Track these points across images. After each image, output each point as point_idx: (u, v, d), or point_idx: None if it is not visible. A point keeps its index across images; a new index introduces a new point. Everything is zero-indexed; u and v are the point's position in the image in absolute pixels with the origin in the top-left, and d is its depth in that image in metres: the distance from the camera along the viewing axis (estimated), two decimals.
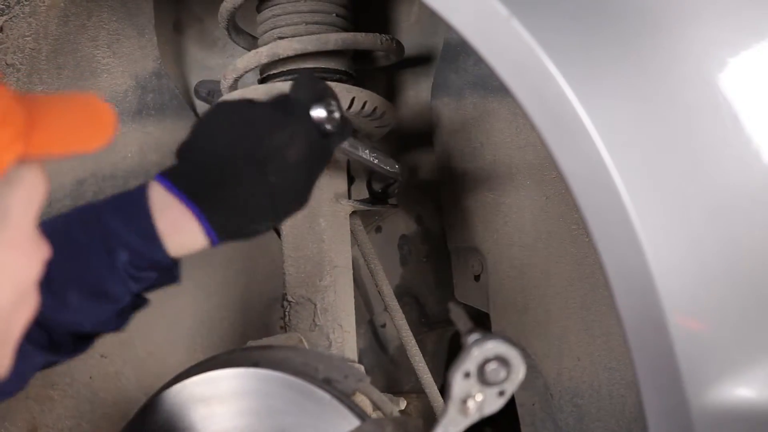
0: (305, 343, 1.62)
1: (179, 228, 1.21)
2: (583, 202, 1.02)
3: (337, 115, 1.25)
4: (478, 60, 1.08)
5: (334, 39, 1.70)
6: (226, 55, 2.12)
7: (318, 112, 1.26)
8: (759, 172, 1.01)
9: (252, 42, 1.89)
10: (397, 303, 1.88)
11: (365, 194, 1.92)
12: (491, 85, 1.81)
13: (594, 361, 1.76)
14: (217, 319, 2.15)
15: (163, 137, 2.04)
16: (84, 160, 2.01)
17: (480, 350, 1.14)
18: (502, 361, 1.19)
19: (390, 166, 1.76)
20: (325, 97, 1.26)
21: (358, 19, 1.84)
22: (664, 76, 1.05)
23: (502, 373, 1.21)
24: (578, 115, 1.01)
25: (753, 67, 1.03)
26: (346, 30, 1.78)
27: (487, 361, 1.19)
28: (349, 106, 1.69)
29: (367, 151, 1.67)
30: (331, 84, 1.68)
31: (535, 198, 1.81)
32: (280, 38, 1.73)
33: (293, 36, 1.72)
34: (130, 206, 1.21)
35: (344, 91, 1.69)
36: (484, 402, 1.26)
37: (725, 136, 1.02)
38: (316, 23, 1.75)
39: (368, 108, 1.72)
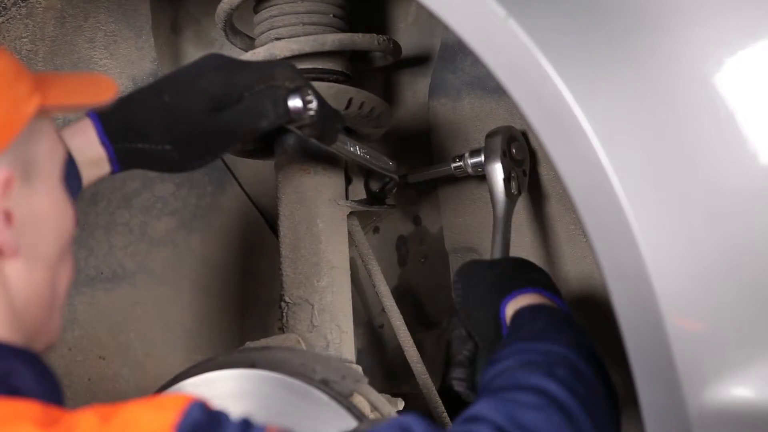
0: (303, 344, 1.62)
1: (76, 131, 1.29)
2: (581, 202, 1.02)
3: (313, 106, 1.30)
4: (476, 60, 1.09)
5: (331, 40, 1.70)
6: None
7: (294, 102, 1.30)
8: (756, 173, 1.01)
9: (249, 43, 1.88)
10: (395, 304, 1.88)
11: (363, 195, 1.92)
12: (488, 86, 1.81)
13: None
14: (215, 321, 2.15)
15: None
16: None
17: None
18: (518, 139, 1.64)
19: (384, 164, 1.76)
20: (303, 88, 1.32)
21: (355, 19, 1.84)
22: (660, 76, 1.05)
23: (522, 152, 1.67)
24: (575, 115, 1.01)
25: (750, 67, 1.03)
26: (343, 31, 1.78)
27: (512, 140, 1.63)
28: (347, 107, 1.69)
29: (357, 147, 1.67)
30: (329, 84, 1.69)
31: (532, 198, 1.81)
32: (277, 39, 1.73)
33: (290, 37, 1.72)
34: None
35: (341, 92, 1.68)
36: (519, 182, 1.66)
37: (722, 137, 1.02)
38: (313, 24, 1.75)
39: (365, 108, 1.72)
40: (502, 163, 1.66)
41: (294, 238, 1.75)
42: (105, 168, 1.32)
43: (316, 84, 1.66)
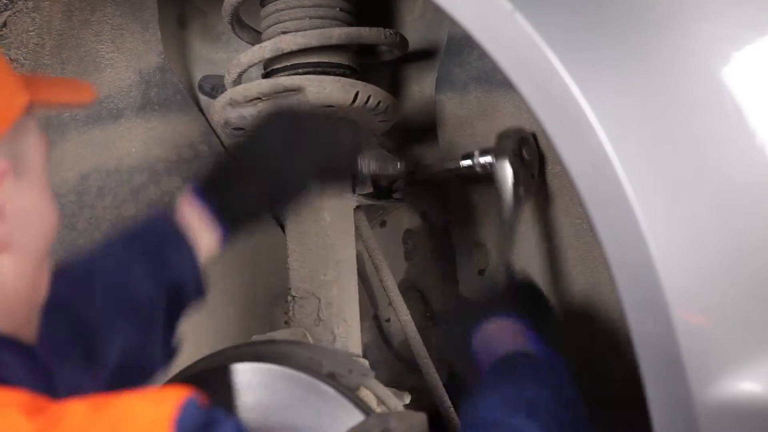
0: (309, 338, 1.62)
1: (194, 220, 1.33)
2: (588, 197, 1.02)
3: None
4: (482, 54, 1.08)
5: (338, 33, 1.70)
6: (230, 49, 2.11)
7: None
8: (763, 168, 1.01)
9: (256, 36, 1.88)
10: (401, 298, 1.88)
11: (370, 189, 1.92)
12: (495, 80, 1.80)
13: (596, 356, 1.76)
14: (221, 314, 2.15)
15: (167, 132, 2.04)
16: (88, 156, 2.01)
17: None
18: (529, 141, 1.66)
19: (392, 169, 1.76)
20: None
21: (361, 13, 1.84)
22: (668, 70, 1.04)
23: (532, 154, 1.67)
24: (582, 109, 1.01)
25: (757, 61, 1.03)
26: (349, 24, 1.77)
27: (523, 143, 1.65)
28: (353, 101, 1.69)
29: (365, 162, 1.70)
30: (335, 78, 1.68)
31: (539, 192, 1.81)
32: (284, 33, 1.73)
33: (297, 30, 1.72)
34: None
35: (348, 86, 1.68)
36: (528, 185, 1.66)
37: (729, 131, 1.02)
38: (320, 18, 1.75)
39: (372, 102, 1.72)
40: (512, 165, 1.66)
41: (301, 232, 1.75)
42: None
43: (322, 77, 1.66)
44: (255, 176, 1.35)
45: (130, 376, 1.26)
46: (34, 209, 0.98)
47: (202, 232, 1.32)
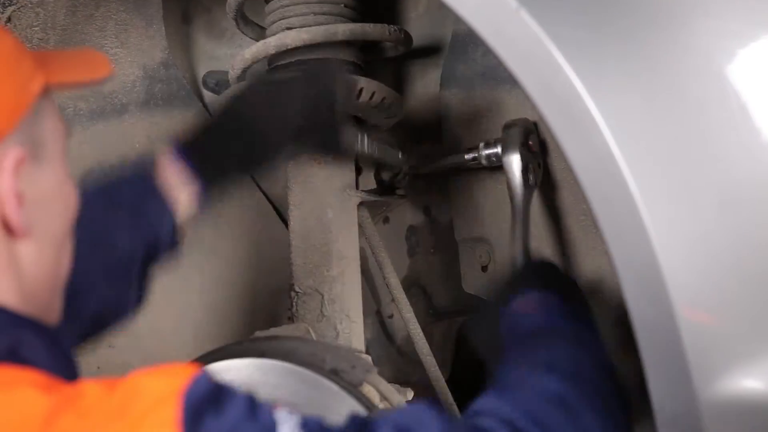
0: (312, 334, 1.62)
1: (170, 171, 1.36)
2: (592, 194, 1.02)
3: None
4: (487, 51, 1.08)
5: (343, 30, 1.70)
6: (234, 45, 2.11)
7: None
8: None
9: (260, 32, 1.88)
10: (404, 294, 1.88)
11: (373, 185, 1.92)
12: (500, 76, 1.80)
13: None
14: (224, 310, 2.15)
15: (171, 127, 2.04)
16: (91, 151, 2.01)
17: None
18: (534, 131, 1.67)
19: (392, 157, 1.76)
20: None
21: (365, 9, 1.84)
22: (672, 67, 1.04)
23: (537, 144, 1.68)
24: (587, 106, 1.01)
25: (762, 58, 1.02)
26: (354, 21, 1.77)
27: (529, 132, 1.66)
28: (357, 97, 1.69)
29: (366, 141, 1.68)
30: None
31: (543, 190, 1.80)
32: (288, 29, 1.73)
33: (301, 26, 1.72)
34: None
35: (352, 82, 1.68)
36: (535, 173, 1.67)
37: (734, 128, 1.02)
38: (325, 14, 1.74)
39: (376, 99, 1.72)
40: (520, 154, 1.66)
41: (304, 228, 1.75)
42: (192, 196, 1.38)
43: None
44: (234, 136, 1.38)
45: (103, 324, 1.31)
46: (53, 193, 0.98)
47: (179, 188, 1.34)
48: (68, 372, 0.94)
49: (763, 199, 1.02)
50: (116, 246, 1.28)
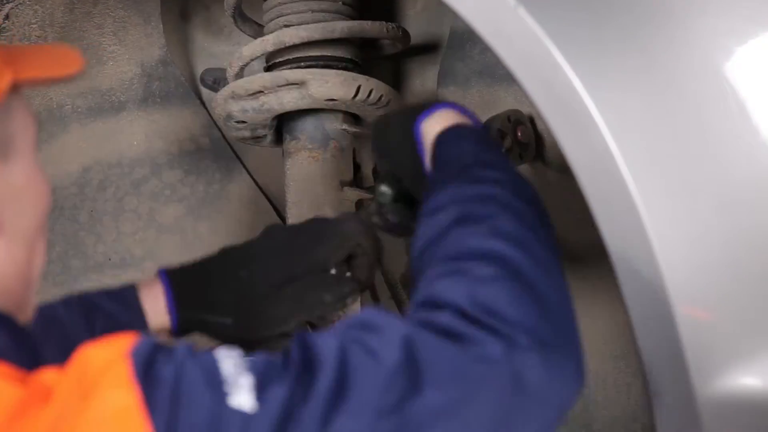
0: (310, 331, 1.62)
1: (148, 295, 1.30)
2: (590, 192, 1.02)
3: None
4: (485, 48, 1.08)
5: (341, 27, 1.70)
6: (232, 42, 2.11)
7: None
8: (766, 163, 1.01)
9: (258, 30, 1.88)
10: (403, 291, 1.88)
11: (371, 182, 1.92)
12: (498, 74, 1.80)
13: (599, 350, 1.76)
14: None
15: (168, 125, 2.04)
16: (89, 149, 2.01)
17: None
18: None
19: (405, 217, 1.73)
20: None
21: (364, 7, 1.84)
22: (671, 65, 1.04)
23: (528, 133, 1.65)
24: (585, 104, 1.01)
25: (760, 56, 1.02)
26: (352, 18, 1.77)
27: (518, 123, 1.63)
28: (355, 95, 1.69)
29: None
30: (337, 72, 1.68)
31: (541, 186, 1.80)
32: (287, 26, 1.73)
33: (299, 24, 1.72)
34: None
35: (350, 80, 1.68)
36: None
37: (732, 126, 1.02)
38: (323, 11, 1.74)
39: (374, 96, 1.72)
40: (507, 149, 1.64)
41: None
42: (164, 333, 1.33)
43: (324, 71, 1.66)
44: (231, 312, 1.32)
45: None
46: (23, 191, 0.97)
47: (156, 317, 1.31)
48: (30, 362, 0.93)
49: (762, 197, 1.02)
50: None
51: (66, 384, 0.83)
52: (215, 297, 1.32)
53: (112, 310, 1.27)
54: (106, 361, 0.83)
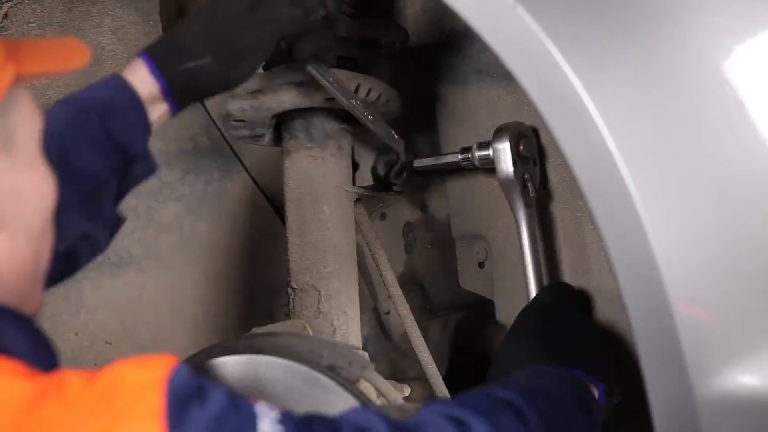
0: (309, 330, 1.62)
1: (131, 71, 1.33)
2: (589, 190, 1.02)
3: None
4: (484, 47, 1.08)
5: (340, 26, 1.69)
6: None
7: None
8: (764, 161, 1.01)
9: None
10: (401, 292, 1.88)
11: (370, 181, 1.92)
12: (496, 73, 1.80)
13: None
14: (221, 307, 2.15)
15: (167, 124, 2.03)
16: None
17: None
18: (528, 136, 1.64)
19: (388, 135, 1.72)
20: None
21: (363, 6, 1.84)
22: (669, 63, 1.04)
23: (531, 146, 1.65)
24: (583, 102, 1.01)
25: (758, 54, 1.02)
26: (351, 17, 1.77)
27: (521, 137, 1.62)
28: (354, 93, 1.69)
29: (331, 80, 1.62)
30: (337, 70, 1.68)
31: (541, 186, 1.80)
32: None
33: None
34: None
35: (349, 78, 1.68)
36: (533, 181, 1.64)
37: (730, 124, 1.02)
38: None
39: (373, 95, 1.72)
40: (515, 174, 1.63)
41: (301, 225, 1.75)
42: (162, 106, 1.35)
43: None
44: (208, 50, 1.35)
45: (76, 261, 1.30)
46: (26, 185, 0.96)
47: (152, 104, 1.33)
48: (48, 363, 0.93)
49: (760, 196, 1.02)
50: (86, 168, 1.25)
51: (90, 395, 0.82)
52: (192, 43, 1.35)
53: (107, 98, 1.29)
54: (141, 386, 0.82)
